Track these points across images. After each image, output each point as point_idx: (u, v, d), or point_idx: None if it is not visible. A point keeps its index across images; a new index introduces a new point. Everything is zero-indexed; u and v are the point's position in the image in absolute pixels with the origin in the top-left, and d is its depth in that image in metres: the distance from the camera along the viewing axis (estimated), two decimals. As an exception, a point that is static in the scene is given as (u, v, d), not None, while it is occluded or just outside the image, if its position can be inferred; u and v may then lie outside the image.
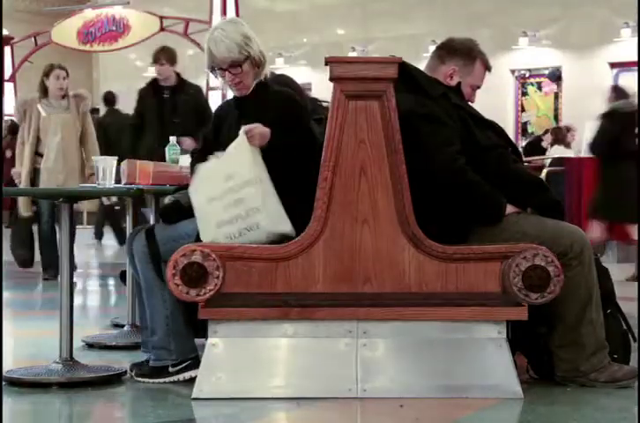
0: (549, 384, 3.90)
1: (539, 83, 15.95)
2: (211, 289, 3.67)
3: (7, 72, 16.27)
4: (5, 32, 14.45)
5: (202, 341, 3.89)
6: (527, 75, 16.03)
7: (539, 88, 15.93)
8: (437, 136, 3.89)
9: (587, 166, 8.62)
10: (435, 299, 3.73)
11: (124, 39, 16.26)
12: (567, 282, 3.74)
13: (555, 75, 15.53)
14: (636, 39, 12.53)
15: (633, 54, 12.84)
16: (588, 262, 3.88)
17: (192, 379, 3.83)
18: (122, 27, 16.17)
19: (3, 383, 3.85)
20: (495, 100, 13.74)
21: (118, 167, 4.46)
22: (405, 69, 3.89)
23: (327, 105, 4.10)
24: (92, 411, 3.74)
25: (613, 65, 14.86)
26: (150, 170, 4.50)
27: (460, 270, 3.74)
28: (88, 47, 16.28)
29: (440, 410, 3.65)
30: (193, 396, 3.67)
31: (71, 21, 16.58)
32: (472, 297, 3.73)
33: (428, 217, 3.80)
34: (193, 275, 3.66)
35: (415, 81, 3.98)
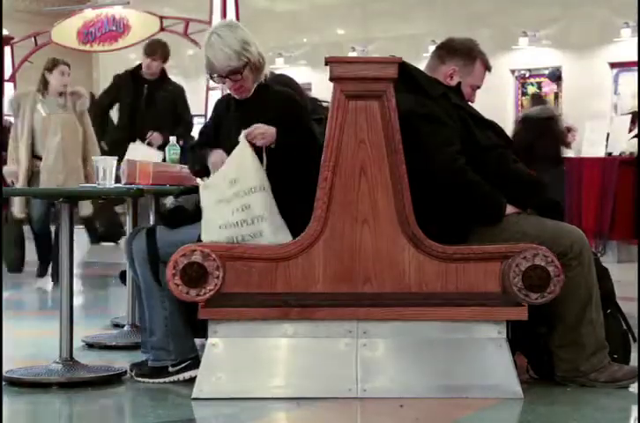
0: (549, 384, 3.90)
1: (539, 83, 15.93)
2: (211, 289, 3.67)
3: (7, 72, 16.24)
4: (5, 32, 14.42)
5: (202, 341, 3.89)
6: (527, 75, 16.00)
7: (539, 88, 15.91)
8: (437, 136, 3.89)
9: (587, 166, 8.62)
10: (435, 299, 3.73)
11: (124, 39, 16.22)
12: (567, 282, 3.74)
13: (555, 75, 15.51)
14: (636, 39, 12.53)
15: (633, 54, 12.83)
16: (588, 262, 3.88)
17: (192, 379, 3.83)
18: (122, 27, 16.13)
19: (3, 383, 3.85)
20: (495, 100, 13.71)
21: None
22: (405, 69, 3.89)
23: (327, 105, 4.10)
24: (92, 411, 3.74)
25: (613, 65, 14.84)
26: (150, 170, 4.50)
27: (460, 270, 3.74)
28: (88, 47, 16.24)
29: (440, 410, 3.65)
30: (193, 396, 3.68)
31: (71, 21, 16.54)
32: (472, 297, 3.73)
33: (428, 217, 3.80)
34: (193, 275, 3.66)
35: (415, 81, 3.98)
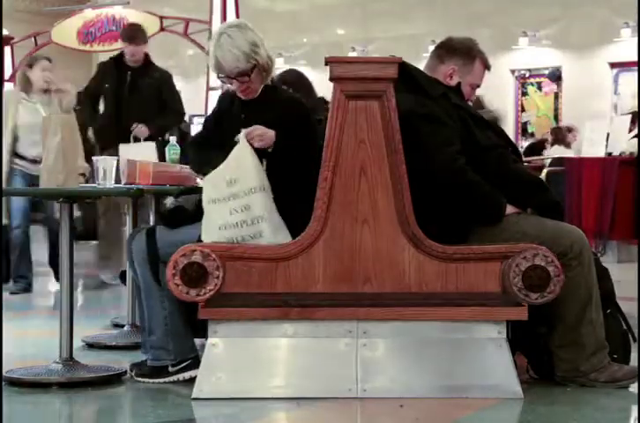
0: (549, 384, 3.90)
1: (539, 83, 15.93)
2: (211, 289, 3.67)
3: (7, 72, 16.24)
4: (5, 32, 14.41)
5: (202, 341, 3.89)
6: (527, 75, 16.00)
7: (539, 88, 15.91)
8: (437, 136, 3.89)
9: (587, 166, 8.60)
10: (435, 299, 3.73)
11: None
12: (567, 282, 3.74)
13: (555, 75, 15.51)
14: (636, 39, 12.54)
15: (633, 54, 12.83)
16: (588, 262, 3.88)
17: (192, 379, 3.83)
18: (122, 27, 16.13)
19: (3, 383, 3.85)
20: (495, 100, 13.70)
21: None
22: (405, 69, 3.89)
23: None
24: (92, 411, 3.74)
25: (613, 65, 14.84)
26: (150, 170, 4.50)
27: (460, 270, 3.74)
28: (88, 47, 16.23)
29: (440, 410, 3.65)
30: (193, 396, 3.68)
31: (71, 21, 16.54)
32: (472, 297, 3.73)
33: (428, 217, 3.80)
34: (193, 275, 3.66)
35: (415, 81, 3.98)
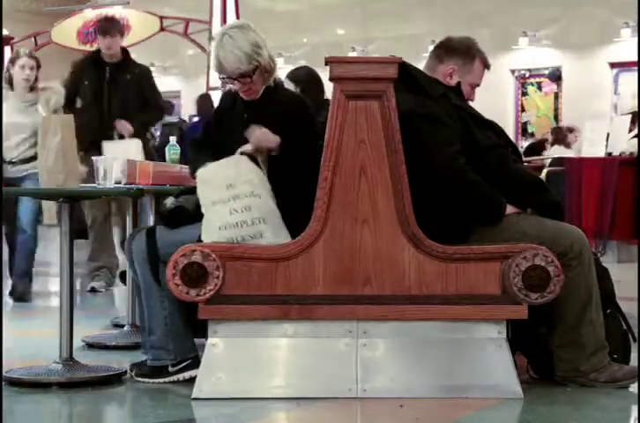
0: (549, 384, 3.90)
1: (539, 83, 15.94)
2: (211, 289, 3.67)
3: (7, 72, 16.23)
4: (5, 32, 14.41)
5: (202, 341, 3.89)
6: (527, 75, 16.02)
7: (539, 88, 15.92)
8: (437, 136, 3.88)
9: (587, 166, 8.60)
10: (435, 299, 3.72)
11: (124, 39, 16.22)
12: (567, 282, 3.73)
13: (555, 75, 15.52)
14: (636, 39, 12.54)
15: (633, 54, 12.84)
16: (588, 262, 3.88)
17: (192, 379, 3.83)
18: (122, 27, 16.13)
19: (3, 383, 3.85)
20: (495, 100, 13.72)
21: None
22: (405, 69, 3.89)
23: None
24: (92, 411, 3.73)
25: (613, 65, 14.85)
26: (150, 170, 4.50)
27: (460, 270, 3.74)
28: (88, 47, 16.22)
29: (440, 410, 3.64)
30: (193, 396, 3.67)
31: (71, 21, 16.57)
32: (472, 297, 3.72)
33: (428, 217, 3.80)
34: (193, 275, 3.66)
35: (415, 81, 3.97)
